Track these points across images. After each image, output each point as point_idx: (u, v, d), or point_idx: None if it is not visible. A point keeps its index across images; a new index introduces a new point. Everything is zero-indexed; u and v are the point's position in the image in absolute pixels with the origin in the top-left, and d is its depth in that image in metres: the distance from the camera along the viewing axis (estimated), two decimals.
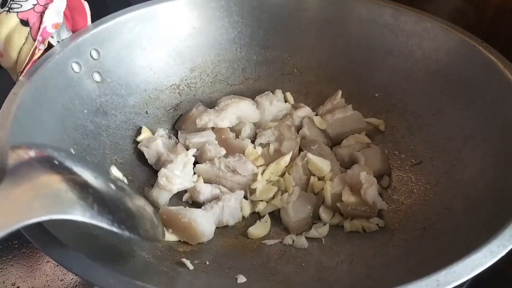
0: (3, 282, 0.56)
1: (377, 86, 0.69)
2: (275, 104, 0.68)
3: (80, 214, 0.36)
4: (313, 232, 0.53)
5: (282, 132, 0.61)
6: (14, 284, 0.56)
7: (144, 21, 0.68)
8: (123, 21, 0.67)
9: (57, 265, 0.58)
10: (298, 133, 0.64)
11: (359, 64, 0.71)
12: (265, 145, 0.62)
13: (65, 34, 0.62)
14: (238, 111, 0.66)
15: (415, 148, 0.61)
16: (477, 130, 0.56)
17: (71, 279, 0.56)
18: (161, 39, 0.70)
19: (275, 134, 0.62)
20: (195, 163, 0.60)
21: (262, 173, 0.58)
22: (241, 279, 0.47)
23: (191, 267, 0.48)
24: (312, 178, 0.57)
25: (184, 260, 0.48)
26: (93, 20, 0.65)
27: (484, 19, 0.60)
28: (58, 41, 0.61)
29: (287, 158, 0.58)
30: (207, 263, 0.50)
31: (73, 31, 0.64)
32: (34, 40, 0.57)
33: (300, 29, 0.75)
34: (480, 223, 0.45)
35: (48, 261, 0.58)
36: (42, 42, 0.58)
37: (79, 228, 0.45)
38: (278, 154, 0.60)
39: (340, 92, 0.69)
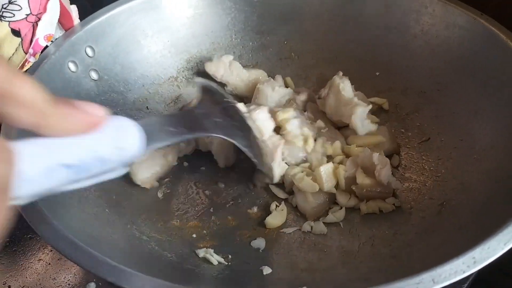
0: None
1: (377, 65, 0.69)
2: (277, 90, 0.67)
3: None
4: (330, 217, 0.53)
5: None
6: (5, 283, 0.54)
7: (136, 14, 0.66)
8: (115, 15, 0.65)
9: (49, 264, 0.56)
10: None
11: (357, 43, 0.70)
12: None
13: (58, 33, 0.60)
14: None
15: (421, 125, 0.62)
16: (484, 103, 0.56)
17: (64, 277, 0.55)
18: (154, 31, 0.69)
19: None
20: None
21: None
22: (267, 270, 0.47)
23: (215, 262, 0.48)
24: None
25: (208, 256, 0.48)
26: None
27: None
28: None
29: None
30: (230, 256, 0.49)
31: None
32: (25, 53, 0.55)
33: (294, 12, 0.73)
34: (500, 196, 0.45)
35: (40, 260, 0.56)
36: (33, 55, 0.56)
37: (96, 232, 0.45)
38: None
39: (340, 73, 0.68)
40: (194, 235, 0.52)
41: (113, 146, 0.31)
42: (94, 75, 0.62)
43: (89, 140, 0.30)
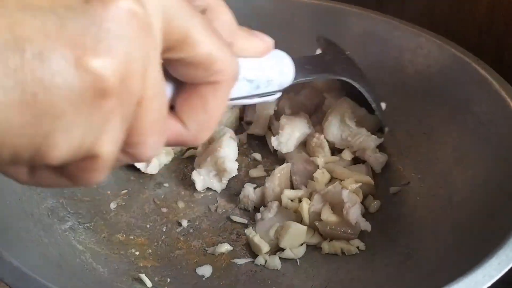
0: None
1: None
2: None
3: None
4: (288, 253, 0.49)
5: None
6: None
7: None
8: None
9: None
10: None
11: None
12: None
13: None
14: None
15: (403, 168, 0.58)
16: (469, 151, 0.52)
17: None
18: None
19: None
20: None
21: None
22: None
23: (149, 284, 0.44)
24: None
25: (143, 276, 0.44)
26: None
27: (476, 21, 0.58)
28: None
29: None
30: (168, 280, 0.45)
31: None
32: None
33: (290, 42, 0.71)
34: (467, 250, 0.41)
35: None
36: None
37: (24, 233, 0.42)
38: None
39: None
40: (137, 253, 0.48)
41: (276, 70, 0.37)
42: None
43: (263, 62, 0.35)
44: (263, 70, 0.35)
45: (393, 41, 0.65)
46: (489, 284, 0.33)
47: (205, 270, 0.47)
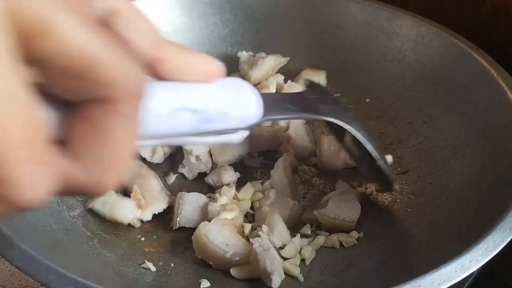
0: None
1: (368, 91, 0.67)
2: None
3: None
4: None
5: None
6: None
7: None
8: None
9: None
10: None
11: (352, 67, 0.68)
12: None
13: None
14: None
15: (402, 156, 0.59)
16: (467, 140, 0.53)
17: None
18: None
19: None
20: None
21: None
22: (205, 284, 0.45)
23: (153, 269, 0.46)
24: None
25: (147, 262, 0.46)
26: None
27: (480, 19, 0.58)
28: None
29: None
30: (172, 265, 0.47)
31: None
32: None
33: (293, 30, 0.73)
34: (458, 236, 0.42)
35: None
36: None
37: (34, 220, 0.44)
38: None
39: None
40: (143, 238, 0.50)
41: (233, 100, 0.29)
42: None
43: (211, 88, 0.28)
44: (212, 98, 0.28)
45: (395, 29, 0.65)
46: (476, 268, 0.34)
47: None
